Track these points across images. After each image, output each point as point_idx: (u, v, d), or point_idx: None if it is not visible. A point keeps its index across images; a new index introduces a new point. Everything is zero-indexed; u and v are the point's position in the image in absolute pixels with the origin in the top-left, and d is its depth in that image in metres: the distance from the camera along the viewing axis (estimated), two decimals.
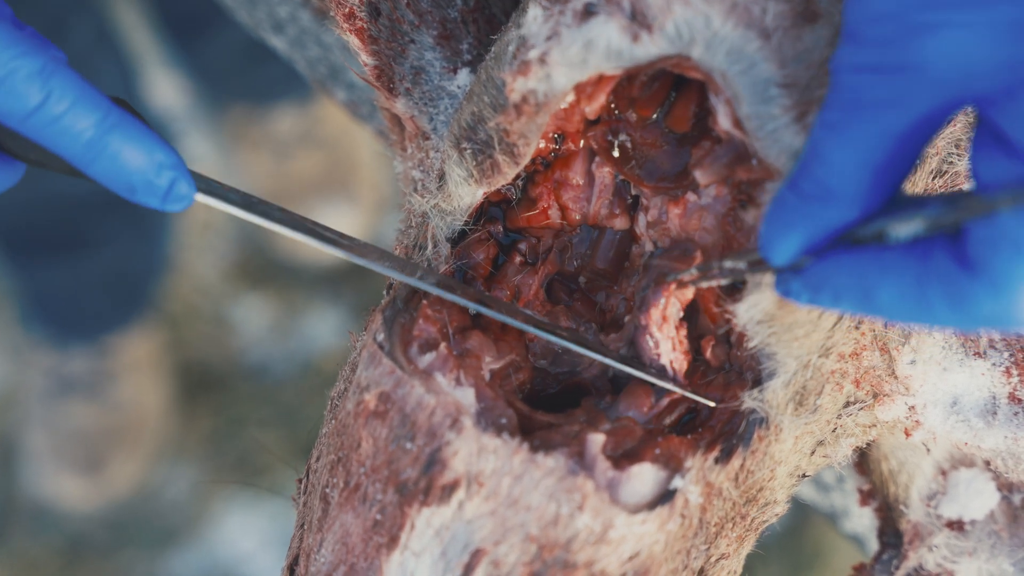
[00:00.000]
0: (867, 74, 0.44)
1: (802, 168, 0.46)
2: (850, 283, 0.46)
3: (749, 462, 0.56)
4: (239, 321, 1.79)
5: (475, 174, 0.57)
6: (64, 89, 0.51)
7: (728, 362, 0.58)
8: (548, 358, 0.61)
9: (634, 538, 0.52)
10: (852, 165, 0.45)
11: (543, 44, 0.52)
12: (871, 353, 0.58)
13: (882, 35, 0.43)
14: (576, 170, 0.59)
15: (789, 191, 0.46)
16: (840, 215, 0.45)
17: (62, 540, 1.71)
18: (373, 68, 0.62)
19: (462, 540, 0.53)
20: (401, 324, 0.56)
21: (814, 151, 0.45)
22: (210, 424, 1.75)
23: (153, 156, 0.52)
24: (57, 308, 1.65)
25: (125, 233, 1.58)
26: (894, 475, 0.63)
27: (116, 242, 1.58)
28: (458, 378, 0.55)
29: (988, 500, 0.61)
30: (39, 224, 1.53)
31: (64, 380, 1.69)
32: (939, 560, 0.62)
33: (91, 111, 0.51)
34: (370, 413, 0.54)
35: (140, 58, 1.77)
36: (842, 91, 0.45)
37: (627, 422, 0.57)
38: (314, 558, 0.56)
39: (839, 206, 0.45)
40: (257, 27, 0.82)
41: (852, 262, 0.46)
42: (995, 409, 0.58)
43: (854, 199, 0.45)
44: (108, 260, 1.59)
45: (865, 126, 0.44)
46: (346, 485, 0.55)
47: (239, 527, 1.70)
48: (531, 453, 0.52)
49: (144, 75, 1.79)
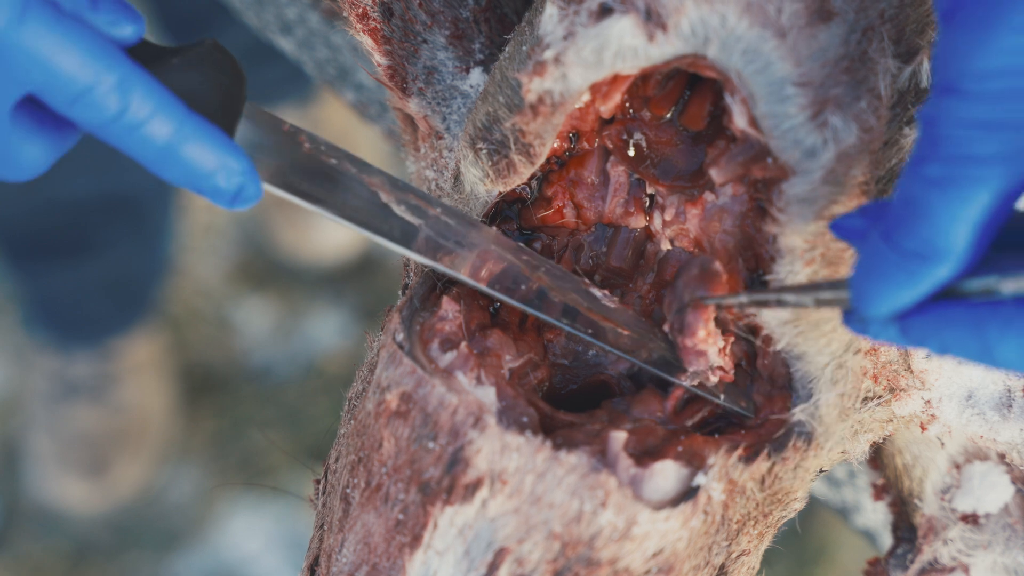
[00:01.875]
0: (978, 130, 0.43)
1: (901, 224, 0.45)
2: (965, 337, 0.45)
3: (779, 468, 0.56)
4: (241, 323, 1.79)
5: (491, 174, 0.57)
6: (143, 100, 0.51)
7: (756, 369, 0.58)
8: (569, 358, 0.61)
9: (658, 535, 0.53)
10: (960, 223, 0.44)
11: (559, 44, 0.53)
12: (888, 348, 0.59)
13: (999, 91, 0.42)
14: (591, 169, 0.59)
15: (888, 248, 0.45)
16: (946, 273, 0.45)
17: (67, 543, 1.71)
18: (386, 68, 0.62)
19: (485, 538, 0.53)
20: (420, 323, 0.57)
21: (915, 207, 0.44)
22: (213, 426, 1.75)
23: (224, 162, 0.53)
24: (60, 312, 1.65)
25: (127, 237, 1.58)
26: (908, 469, 0.64)
27: (118, 246, 1.58)
28: (479, 377, 0.55)
29: (1003, 493, 0.62)
30: (42, 228, 1.53)
31: (68, 384, 1.69)
32: (954, 553, 0.63)
33: (167, 121, 0.52)
34: (392, 413, 0.55)
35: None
36: (946, 145, 0.44)
37: (649, 422, 0.57)
38: (335, 558, 0.56)
39: (945, 265, 0.44)
40: (265, 29, 0.82)
41: (966, 317, 0.45)
42: (1010, 402, 0.59)
43: (960, 257, 0.44)
44: (111, 263, 1.59)
45: (974, 184, 0.43)
46: (368, 485, 0.55)
47: (244, 529, 1.70)
48: (554, 451, 0.52)
49: None
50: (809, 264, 0.54)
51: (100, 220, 1.53)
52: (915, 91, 0.55)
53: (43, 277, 1.59)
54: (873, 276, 0.46)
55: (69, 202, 1.50)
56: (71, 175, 1.48)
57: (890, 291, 0.46)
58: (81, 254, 1.56)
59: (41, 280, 1.60)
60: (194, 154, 0.53)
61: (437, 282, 0.60)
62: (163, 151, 0.52)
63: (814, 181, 0.53)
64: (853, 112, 0.52)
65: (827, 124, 0.52)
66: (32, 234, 1.53)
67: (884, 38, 0.53)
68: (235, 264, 1.81)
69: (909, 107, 0.55)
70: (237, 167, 0.54)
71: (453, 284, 0.60)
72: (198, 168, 0.53)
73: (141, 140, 0.52)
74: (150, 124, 0.51)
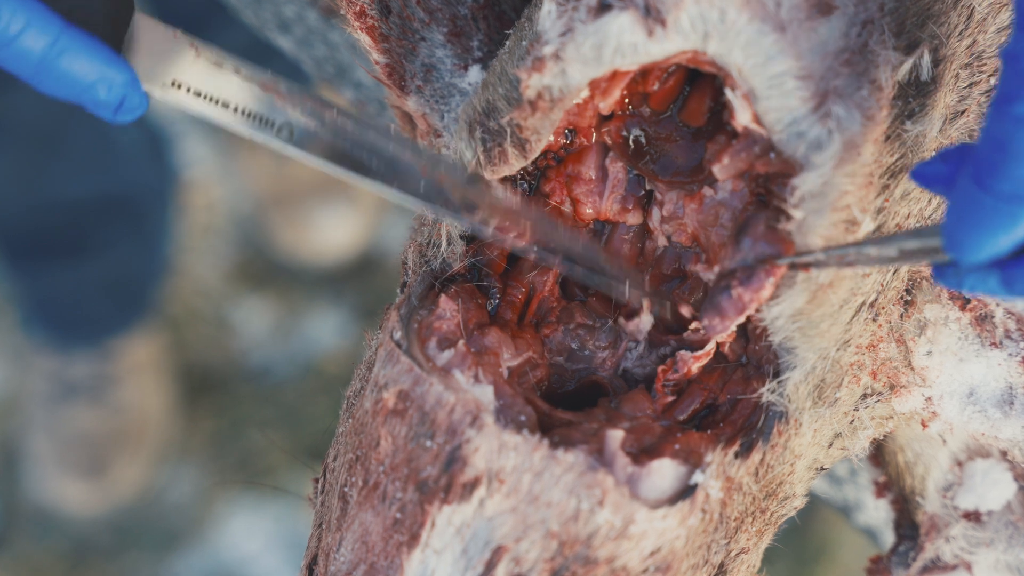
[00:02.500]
0: None
1: (994, 166, 0.43)
2: None
3: (769, 456, 0.56)
4: (240, 323, 1.79)
5: (481, 160, 0.57)
6: (15, 14, 0.52)
7: (745, 355, 0.58)
8: (564, 355, 0.61)
9: (655, 533, 0.52)
10: None
11: (557, 40, 0.52)
12: (888, 345, 0.58)
13: None
14: (589, 165, 0.59)
15: (982, 192, 0.44)
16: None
17: (66, 544, 1.71)
18: (384, 66, 0.62)
19: (483, 537, 0.52)
20: (418, 321, 0.56)
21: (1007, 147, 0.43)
22: (212, 426, 1.75)
23: (105, 74, 0.54)
24: (59, 312, 1.65)
25: (126, 237, 1.58)
26: (910, 467, 0.63)
27: (117, 246, 1.58)
28: (476, 375, 0.55)
29: (1005, 490, 0.61)
30: (40, 228, 1.52)
31: (66, 384, 1.68)
32: (956, 551, 0.63)
33: (42, 34, 0.52)
34: (389, 411, 0.54)
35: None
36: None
37: (645, 420, 0.57)
38: (333, 557, 0.56)
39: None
40: (263, 27, 0.82)
41: None
42: (1012, 399, 0.58)
43: None
44: (109, 264, 1.59)
45: None
46: (365, 484, 0.55)
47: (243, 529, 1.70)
48: (551, 449, 0.52)
49: None
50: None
51: (99, 221, 1.53)
52: (916, 84, 0.55)
53: (42, 277, 1.59)
54: (968, 222, 0.44)
55: (68, 203, 1.50)
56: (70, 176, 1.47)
57: (988, 236, 0.44)
58: (80, 255, 1.56)
59: (40, 280, 1.60)
60: (72, 66, 0.53)
61: (435, 281, 0.60)
62: (40, 64, 0.53)
63: (825, 174, 0.52)
64: (855, 101, 0.52)
65: (830, 115, 0.51)
66: (31, 234, 1.53)
67: (884, 30, 0.53)
68: (234, 264, 1.81)
69: (910, 100, 0.55)
70: (119, 79, 0.54)
71: (451, 283, 0.60)
72: (77, 80, 0.54)
73: (17, 54, 0.53)
74: (24, 38, 0.52)
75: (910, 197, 0.57)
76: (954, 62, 0.58)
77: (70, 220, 1.52)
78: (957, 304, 0.59)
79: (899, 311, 0.59)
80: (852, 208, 0.53)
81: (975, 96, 0.60)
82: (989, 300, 0.59)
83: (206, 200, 1.83)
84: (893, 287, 0.58)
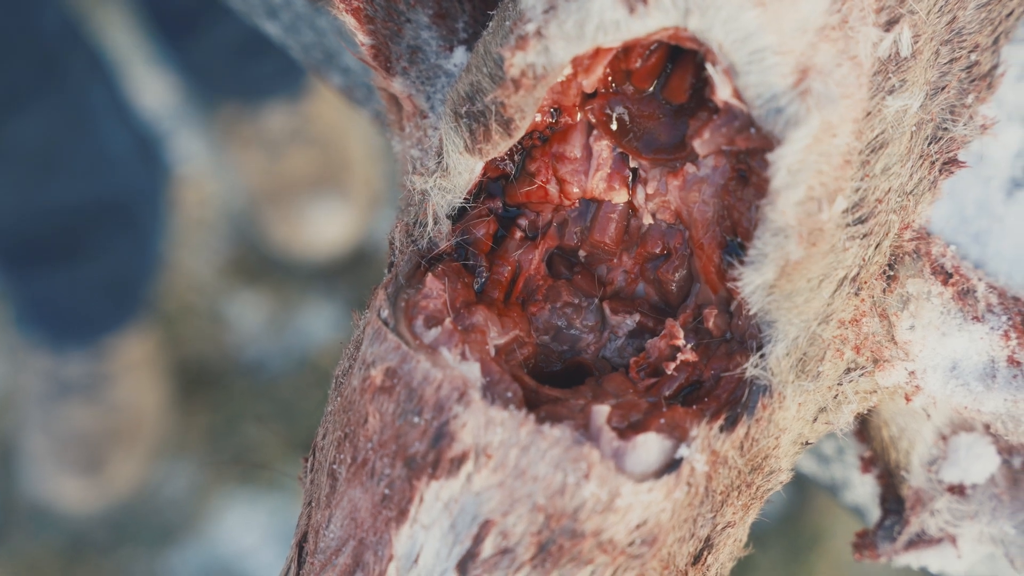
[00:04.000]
0: None
1: None
2: None
3: (754, 430, 0.57)
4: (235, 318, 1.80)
5: (469, 144, 0.57)
6: None
7: (729, 331, 0.58)
8: (551, 333, 0.61)
9: (641, 506, 0.53)
10: None
11: (540, 17, 0.53)
12: (871, 319, 0.59)
13: None
14: (574, 143, 0.60)
15: None
16: None
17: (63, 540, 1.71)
18: (369, 48, 0.62)
19: (471, 512, 0.53)
20: (405, 300, 0.57)
21: None
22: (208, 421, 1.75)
23: None
24: (53, 311, 1.65)
25: (120, 239, 1.58)
26: (895, 441, 0.64)
27: (111, 247, 1.58)
28: (463, 353, 0.55)
29: (989, 464, 0.62)
30: (35, 232, 1.53)
31: (61, 383, 1.69)
32: (941, 524, 0.63)
33: None
34: (376, 388, 0.55)
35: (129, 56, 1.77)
36: None
37: (631, 396, 0.57)
38: (323, 534, 0.56)
39: None
40: (251, 13, 0.83)
41: None
42: (994, 372, 0.59)
43: None
44: (104, 265, 1.59)
45: None
46: (354, 460, 0.55)
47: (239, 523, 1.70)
48: (537, 425, 0.53)
49: (133, 74, 1.79)
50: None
51: (93, 223, 1.54)
52: (896, 60, 0.56)
53: (36, 277, 1.59)
54: None
55: (62, 206, 1.50)
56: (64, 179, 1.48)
57: None
58: (74, 256, 1.56)
59: (34, 280, 1.60)
60: None
61: (422, 260, 0.60)
62: None
63: (799, 150, 0.53)
64: (835, 78, 0.52)
65: (809, 91, 0.52)
66: (25, 237, 1.54)
67: (864, 7, 0.53)
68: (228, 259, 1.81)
69: (890, 76, 0.55)
70: None
71: (438, 262, 0.60)
72: None
73: None
74: None
75: (890, 172, 0.57)
76: (934, 38, 0.58)
77: (65, 223, 1.52)
78: (939, 279, 0.60)
79: (882, 286, 0.59)
80: (827, 186, 0.53)
81: (955, 72, 0.60)
82: (971, 275, 0.60)
83: (199, 196, 1.83)
84: (875, 262, 0.58)
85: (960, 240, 0.64)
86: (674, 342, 0.58)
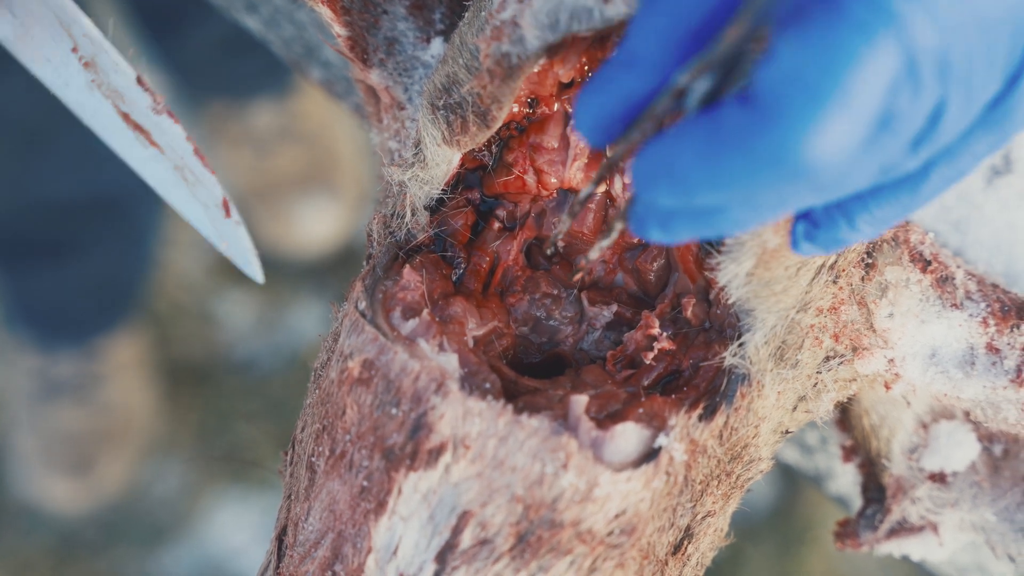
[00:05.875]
0: None
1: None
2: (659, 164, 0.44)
3: (733, 419, 0.56)
4: (224, 316, 1.79)
5: (446, 135, 0.57)
6: None
7: (708, 320, 0.58)
8: (530, 324, 0.61)
9: (619, 496, 0.53)
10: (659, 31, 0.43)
11: (514, 6, 0.53)
12: (849, 307, 0.59)
13: None
14: (551, 134, 0.59)
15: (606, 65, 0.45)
16: (641, 80, 0.44)
17: (54, 540, 1.71)
18: (346, 39, 0.62)
19: (449, 503, 0.53)
20: (383, 291, 0.57)
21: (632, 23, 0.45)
22: (198, 419, 1.75)
23: None
24: (43, 311, 1.65)
25: (110, 235, 1.58)
26: (876, 430, 0.64)
27: (102, 245, 1.58)
28: (441, 344, 0.55)
29: (969, 451, 0.62)
30: (25, 228, 1.52)
31: (51, 383, 1.68)
32: (922, 512, 0.63)
33: None
34: (354, 380, 0.54)
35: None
36: None
37: (610, 386, 0.57)
38: (302, 527, 0.56)
39: (641, 71, 0.44)
40: (231, 8, 0.82)
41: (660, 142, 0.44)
42: (973, 359, 0.59)
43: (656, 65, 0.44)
44: (94, 263, 1.59)
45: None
46: (332, 453, 0.55)
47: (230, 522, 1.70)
48: (516, 415, 0.52)
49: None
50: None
51: (84, 220, 1.53)
52: None
53: (26, 276, 1.59)
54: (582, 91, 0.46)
55: (53, 202, 1.50)
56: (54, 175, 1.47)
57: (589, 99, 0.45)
58: (65, 254, 1.56)
59: (24, 279, 1.60)
60: None
61: (400, 251, 0.60)
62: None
63: None
64: None
65: None
66: (15, 234, 1.53)
67: None
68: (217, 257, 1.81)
69: None
70: None
71: (416, 253, 0.60)
72: None
73: None
74: None
75: None
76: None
77: (55, 220, 1.51)
78: (918, 266, 0.60)
79: (860, 274, 0.59)
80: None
81: None
82: (950, 262, 0.60)
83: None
84: (854, 249, 0.58)
85: (939, 228, 0.64)
86: (650, 331, 0.58)
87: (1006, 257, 0.63)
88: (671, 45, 0.44)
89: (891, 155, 0.43)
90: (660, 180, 0.44)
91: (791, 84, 0.40)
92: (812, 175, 0.41)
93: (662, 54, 0.44)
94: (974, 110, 0.44)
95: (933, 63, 0.41)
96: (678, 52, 0.44)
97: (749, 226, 0.45)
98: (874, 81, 0.40)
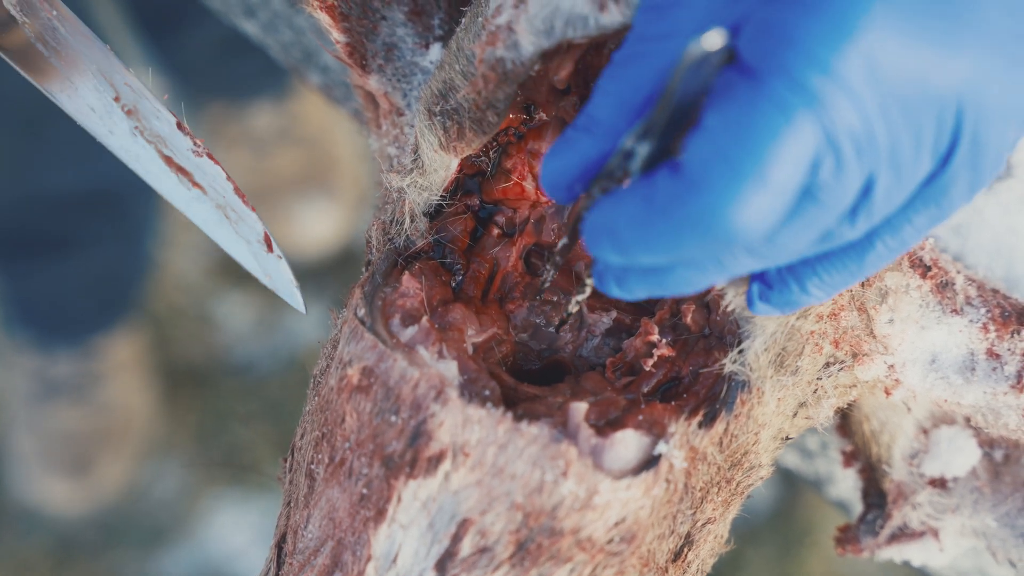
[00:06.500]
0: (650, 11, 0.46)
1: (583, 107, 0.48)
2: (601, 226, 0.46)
3: (733, 426, 0.56)
4: (223, 318, 1.79)
5: (443, 141, 0.57)
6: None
7: (708, 327, 0.58)
8: (529, 331, 0.61)
9: (619, 504, 0.53)
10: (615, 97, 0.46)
11: (510, 11, 0.53)
12: (849, 313, 0.59)
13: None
14: (548, 140, 0.59)
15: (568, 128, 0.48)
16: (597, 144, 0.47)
17: (52, 541, 1.71)
18: (345, 45, 0.62)
19: (449, 511, 0.53)
20: (382, 298, 0.56)
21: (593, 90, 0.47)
22: (196, 421, 1.75)
23: None
24: (41, 311, 1.65)
25: (109, 235, 1.58)
26: (876, 435, 0.64)
27: (101, 243, 1.57)
28: (440, 351, 0.55)
29: (969, 457, 0.62)
30: (23, 225, 1.52)
31: (49, 383, 1.68)
32: (923, 518, 0.63)
33: None
34: (353, 388, 0.54)
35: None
36: (633, 28, 0.47)
37: (610, 393, 0.57)
38: (301, 534, 0.56)
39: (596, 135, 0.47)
40: (229, 13, 0.82)
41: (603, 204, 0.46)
42: (973, 365, 0.59)
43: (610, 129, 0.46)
44: (93, 261, 1.59)
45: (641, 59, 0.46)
46: (331, 460, 0.55)
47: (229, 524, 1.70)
48: (515, 423, 0.52)
49: None
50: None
51: (82, 216, 1.53)
52: None
53: (24, 276, 1.59)
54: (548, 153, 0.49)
55: (50, 198, 1.49)
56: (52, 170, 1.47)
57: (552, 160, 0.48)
58: (63, 251, 1.56)
59: (22, 279, 1.59)
60: None
61: (399, 258, 0.60)
62: None
63: None
64: None
65: None
66: (13, 231, 1.53)
67: None
68: (216, 259, 1.81)
69: None
70: None
71: (415, 260, 0.60)
72: None
73: None
74: None
75: None
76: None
77: (53, 216, 1.51)
78: (918, 272, 0.60)
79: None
80: None
81: None
82: (950, 267, 0.60)
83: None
84: None
85: (939, 232, 0.63)
86: (650, 338, 0.58)
87: (1006, 262, 0.63)
88: (625, 111, 0.46)
89: (826, 224, 0.45)
90: (603, 240, 0.46)
91: (715, 157, 0.42)
92: (738, 241, 0.44)
93: (616, 119, 0.46)
94: (908, 186, 0.46)
95: (853, 141, 0.43)
96: (632, 118, 0.46)
97: (700, 286, 0.47)
98: (793, 158, 0.42)
